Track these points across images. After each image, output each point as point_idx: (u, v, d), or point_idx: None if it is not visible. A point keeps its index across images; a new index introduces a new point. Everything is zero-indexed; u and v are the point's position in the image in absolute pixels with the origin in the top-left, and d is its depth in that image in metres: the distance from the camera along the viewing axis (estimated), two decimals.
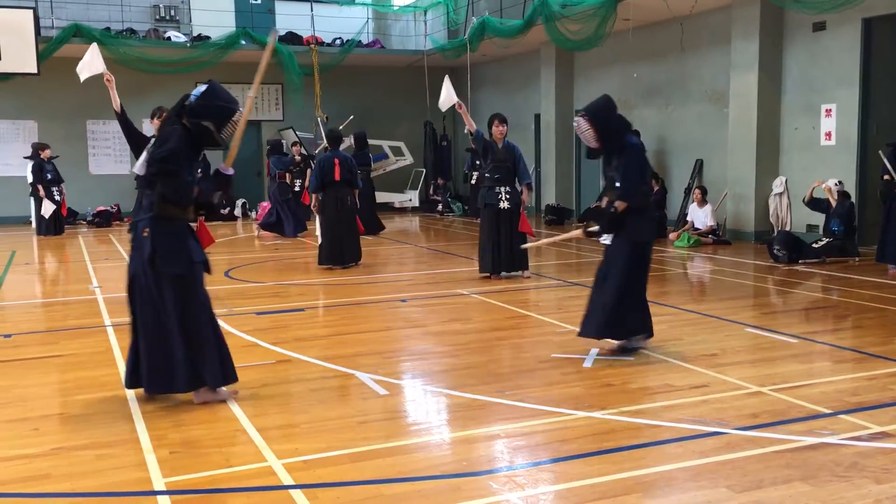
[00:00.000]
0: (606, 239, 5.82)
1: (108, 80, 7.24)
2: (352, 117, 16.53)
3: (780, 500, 3.29)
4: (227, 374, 4.70)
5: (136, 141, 7.62)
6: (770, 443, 3.93)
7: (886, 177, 9.05)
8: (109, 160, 18.50)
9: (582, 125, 5.62)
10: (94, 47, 7.40)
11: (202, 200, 4.78)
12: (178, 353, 4.55)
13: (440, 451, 3.96)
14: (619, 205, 5.58)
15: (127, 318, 4.79)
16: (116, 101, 7.38)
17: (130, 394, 4.90)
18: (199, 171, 7.84)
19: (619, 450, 3.87)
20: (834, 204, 10.20)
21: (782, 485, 3.44)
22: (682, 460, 3.72)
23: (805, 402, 4.55)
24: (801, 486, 3.41)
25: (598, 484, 3.48)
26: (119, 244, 13.70)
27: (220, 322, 6.97)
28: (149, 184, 4.60)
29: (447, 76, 9.52)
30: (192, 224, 4.78)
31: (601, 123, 5.59)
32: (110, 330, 6.78)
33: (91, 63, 7.29)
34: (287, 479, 3.58)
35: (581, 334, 5.80)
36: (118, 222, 17.65)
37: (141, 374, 4.66)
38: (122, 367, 5.52)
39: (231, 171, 4.92)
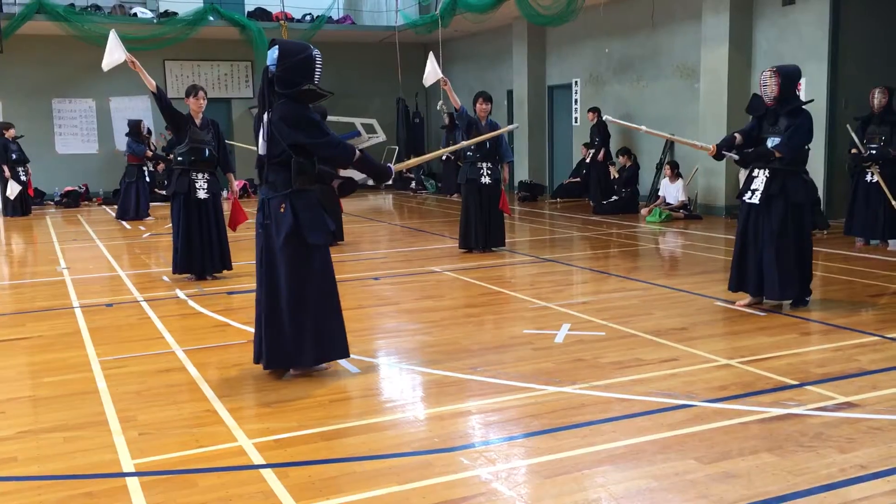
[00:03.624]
0: (754, 198, 6.14)
1: (131, 62, 7.21)
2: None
3: (747, 470, 3.34)
4: (327, 353, 4.76)
5: (174, 119, 7.61)
6: (737, 414, 3.98)
7: (854, 150, 9.15)
8: (76, 139, 18.16)
9: (769, 78, 6.03)
10: (112, 35, 7.26)
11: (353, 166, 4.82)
12: (289, 329, 4.65)
13: (412, 428, 3.97)
14: (777, 153, 5.99)
15: (95, 299, 4.76)
16: (151, 82, 7.45)
17: (99, 375, 4.86)
18: (212, 134, 7.88)
19: (590, 424, 3.90)
20: None
21: (749, 455, 3.48)
22: (651, 433, 3.76)
23: (772, 373, 4.62)
24: (768, 457, 3.47)
25: (568, 458, 3.51)
26: (87, 225, 13.52)
27: (192, 302, 6.92)
28: (280, 163, 4.61)
29: (431, 52, 9.49)
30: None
31: (786, 82, 6.02)
32: (78, 311, 6.70)
33: (113, 52, 7.16)
34: (258, 459, 3.57)
35: (775, 298, 6.15)
36: (86, 202, 17.41)
37: (261, 349, 4.75)
38: (90, 349, 5.48)
39: (393, 171, 4.96)
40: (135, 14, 17.11)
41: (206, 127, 7.85)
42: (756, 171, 6.19)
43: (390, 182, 5.40)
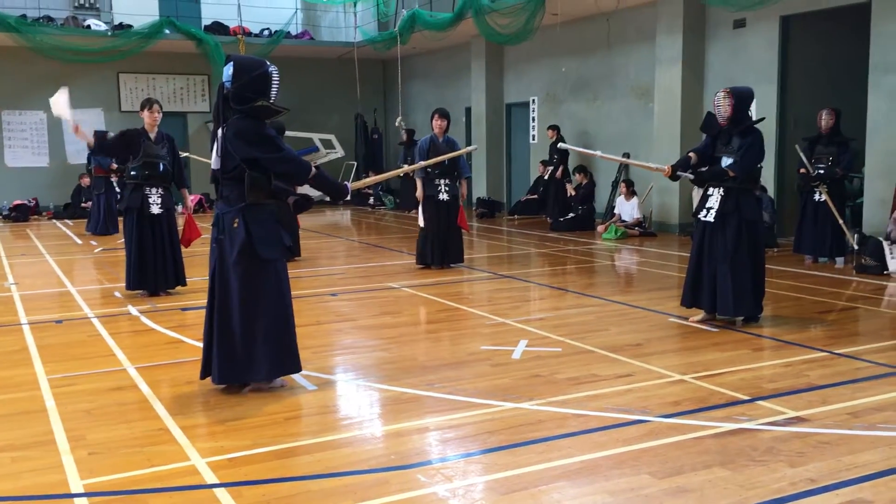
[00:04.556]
0: (709, 216, 6.24)
1: (74, 129, 7.23)
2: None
3: (700, 485, 3.38)
4: (278, 368, 4.72)
5: (128, 142, 7.60)
6: (691, 429, 4.03)
7: (802, 170, 9.36)
8: (27, 152, 17.76)
9: (723, 99, 6.17)
10: (62, 91, 7.06)
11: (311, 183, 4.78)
12: (240, 344, 4.61)
13: (369, 445, 3.94)
14: (731, 173, 6.12)
15: (44, 316, 4.62)
16: (90, 140, 7.50)
17: (48, 393, 4.75)
18: (167, 149, 7.84)
19: (546, 440, 3.92)
20: None
21: (702, 470, 3.53)
22: (607, 448, 3.79)
23: (725, 389, 4.69)
24: (720, 472, 3.51)
25: (525, 474, 3.51)
26: (37, 239, 13.22)
27: (145, 319, 6.80)
28: (233, 177, 4.57)
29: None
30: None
31: (740, 104, 6.16)
32: (26, 328, 6.54)
33: (60, 105, 7.01)
34: (211, 478, 3.51)
35: (728, 314, 6.22)
36: (36, 217, 17.04)
37: (211, 364, 4.69)
38: (38, 367, 5.35)
39: (349, 189, 5.00)
40: (88, 26, 16.86)
41: (161, 141, 7.77)
42: (710, 189, 6.32)
43: (348, 198, 5.40)
